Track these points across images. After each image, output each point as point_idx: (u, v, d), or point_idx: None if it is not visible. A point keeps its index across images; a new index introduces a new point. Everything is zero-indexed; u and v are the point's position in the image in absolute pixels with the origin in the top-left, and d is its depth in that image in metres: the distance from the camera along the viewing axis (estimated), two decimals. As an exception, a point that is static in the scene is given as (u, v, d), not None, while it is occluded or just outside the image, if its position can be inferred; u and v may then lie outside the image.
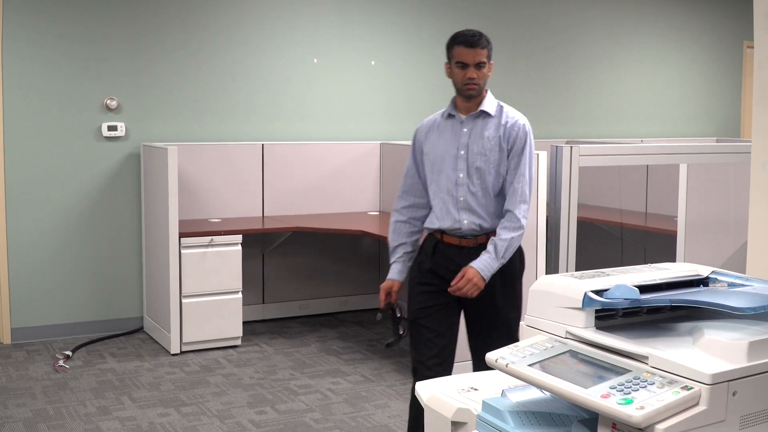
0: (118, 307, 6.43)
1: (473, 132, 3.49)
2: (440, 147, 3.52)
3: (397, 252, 3.63)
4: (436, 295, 3.53)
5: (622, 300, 1.77)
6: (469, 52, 3.42)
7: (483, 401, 1.85)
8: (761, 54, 2.45)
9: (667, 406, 1.51)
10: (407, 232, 3.64)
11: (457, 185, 3.47)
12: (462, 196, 3.47)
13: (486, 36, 3.47)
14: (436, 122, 3.60)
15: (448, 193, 3.49)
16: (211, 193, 6.52)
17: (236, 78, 6.72)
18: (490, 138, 3.46)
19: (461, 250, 3.50)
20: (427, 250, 3.58)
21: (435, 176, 3.53)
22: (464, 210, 3.47)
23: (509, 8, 7.94)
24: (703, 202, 5.13)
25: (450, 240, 3.52)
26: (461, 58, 3.42)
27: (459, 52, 3.43)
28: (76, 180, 6.22)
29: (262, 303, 6.82)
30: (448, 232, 3.51)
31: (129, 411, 4.72)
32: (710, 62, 9.33)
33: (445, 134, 3.53)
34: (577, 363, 1.72)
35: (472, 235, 3.50)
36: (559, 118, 8.29)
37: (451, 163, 3.48)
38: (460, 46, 3.43)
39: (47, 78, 6.09)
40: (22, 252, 6.09)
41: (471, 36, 3.44)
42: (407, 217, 3.64)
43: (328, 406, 4.84)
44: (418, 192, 3.63)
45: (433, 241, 3.57)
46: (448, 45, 3.52)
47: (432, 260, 3.54)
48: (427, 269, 3.55)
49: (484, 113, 3.49)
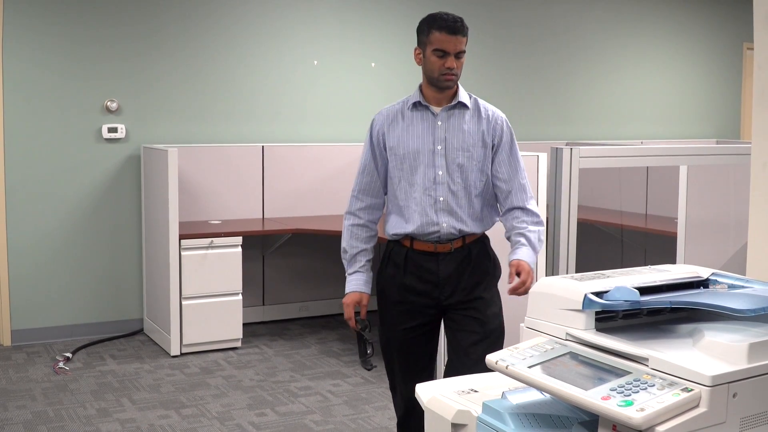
0: (118, 309, 6.43)
1: (450, 125, 3.14)
2: (411, 141, 3.14)
3: (358, 260, 3.24)
4: (414, 314, 3.20)
5: (623, 302, 1.77)
6: (450, 39, 3.06)
7: (483, 403, 1.85)
8: (761, 55, 2.45)
9: (667, 408, 1.51)
10: (365, 237, 3.26)
11: (436, 184, 3.12)
12: (441, 195, 3.12)
13: (464, 21, 3.12)
14: (399, 113, 3.20)
15: (424, 193, 3.12)
16: (211, 194, 6.52)
17: (236, 80, 6.73)
18: (471, 132, 3.15)
19: (437, 257, 3.15)
20: (396, 262, 3.20)
21: (406, 174, 3.15)
22: (443, 211, 3.12)
23: (509, 10, 7.94)
24: (703, 203, 5.14)
25: (423, 247, 3.16)
26: (441, 45, 3.05)
27: (438, 38, 3.06)
28: (77, 182, 6.22)
29: (262, 305, 6.82)
30: (421, 237, 3.14)
31: (129, 413, 4.72)
32: (710, 64, 9.34)
33: (415, 127, 3.15)
34: (578, 365, 1.71)
35: (449, 240, 3.15)
36: (559, 120, 8.29)
37: (427, 159, 3.12)
38: (441, 32, 3.05)
39: (48, 80, 6.09)
40: (23, 254, 6.09)
41: (453, 21, 3.07)
42: (365, 220, 3.26)
43: (328, 408, 4.84)
44: (375, 192, 3.26)
45: (401, 250, 3.19)
46: (423, 29, 3.13)
47: (405, 273, 3.17)
48: (401, 284, 3.18)
49: (461, 105, 3.16)
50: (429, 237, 3.13)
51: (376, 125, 3.23)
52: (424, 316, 3.21)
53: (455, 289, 3.17)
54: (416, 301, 3.18)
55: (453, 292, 3.17)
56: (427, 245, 3.15)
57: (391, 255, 3.23)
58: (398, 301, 3.20)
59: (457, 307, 3.18)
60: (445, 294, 3.17)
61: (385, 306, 3.26)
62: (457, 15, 3.10)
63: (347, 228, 3.27)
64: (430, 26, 3.09)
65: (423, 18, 3.16)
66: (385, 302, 3.26)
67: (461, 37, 3.07)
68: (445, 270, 3.15)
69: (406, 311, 3.20)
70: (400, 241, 3.19)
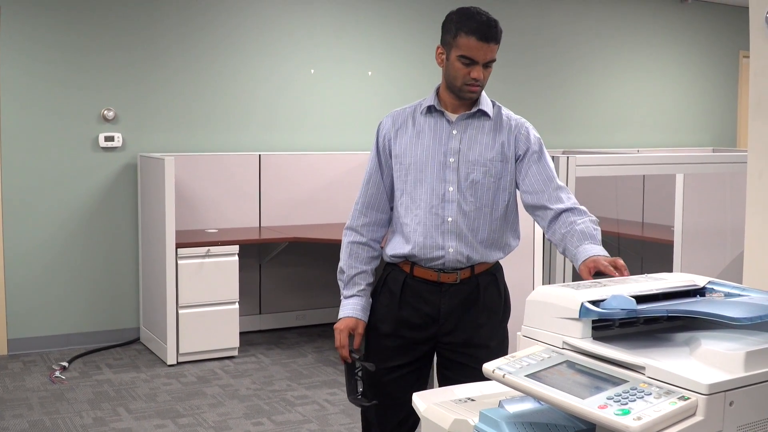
0: (115, 318, 6.42)
1: (466, 135, 2.74)
2: (419, 150, 2.74)
3: (357, 283, 2.83)
4: (405, 350, 2.78)
5: (619, 310, 1.77)
6: (480, 47, 2.63)
7: (480, 412, 1.85)
8: (757, 63, 2.45)
9: (664, 417, 1.51)
10: (366, 258, 2.85)
11: (445, 201, 2.71)
12: (450, 216, 2.70)
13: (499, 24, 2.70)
14: (409, 117, 2.81)
15: (430, 211, 2.71)
16: (208, 203, 6.52)
17: (233, 88, 6.73)
18: (489, 145, 2.73)
19: (439, 288, 2.74)
20: (392, 288, 2.80)
21: (410, 187, 2.75)
22: (451, 234, 2.70)
23: (506, 17, 7.92)
24: (700, 212, 5.14)
25: (424, 274, 2.74)
26: (470, 53, 2.63)
27: (467, 44, 2.62)
28: (73, 190, 6.22)
29: (258, 313, 6.81)
30: (423, 263, 2.74)
31: (125, 422, 4.71)
32: (706, 72, 9.36)
33: (426, 134, 2.75)
34: (574, 373, 1.71)
35: (454, 269, 2.73)
36: (556, 128, 8.31)
37: (436, 173, 2.72)
38: (471, 37, 2.62)
39: (44, 89, 6.09)
40: (19, 262, 6.08)
41: (487, 26, 2.63)
42: (367, 238, 2.85)
43: (325, 417, 4.83)
44: (381, 206, 2.85)
45: (400, 275, 2.79)
46: (449, 27, 2.69)
47: (400, 303, 2.77)
48: (396, 316, 2.78)
49: (480, 113, 2.76)
50: (432, 263, 2.73)
51: (383, 130, 2.83)
52: (417, 352, 2.80)
53: (456, 327, 2.77)
54: (410, 336, 2.78)
55: (453, 329, 2.77)
56: (430, 273, 2.74)
57: (388, 280, 2.83)
58: (390, 334, 2.78)
59: (456, 349, 2.78)
60: (444, 330, 2.78)
61: (374, 339, 2.84)
62: (491, 16, 2.68)
63: (347, 245, 2.87)
64: (459, 27, 2.64)
65: (452, 12, 2.71)
66: (374, 334, 2.83)
67: (494, 45, 2.66)
68: (448, 305, 2.75)
69: (398, 347, 2.78)
70: (398, 265, 2.80)
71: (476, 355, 2.70)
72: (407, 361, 2.78)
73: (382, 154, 2.82)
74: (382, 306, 2.81)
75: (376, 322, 2.81)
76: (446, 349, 2.80)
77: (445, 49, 2.70)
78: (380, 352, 2.79)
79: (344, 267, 2.86)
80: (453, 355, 2.79)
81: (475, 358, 2.68)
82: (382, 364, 2.76)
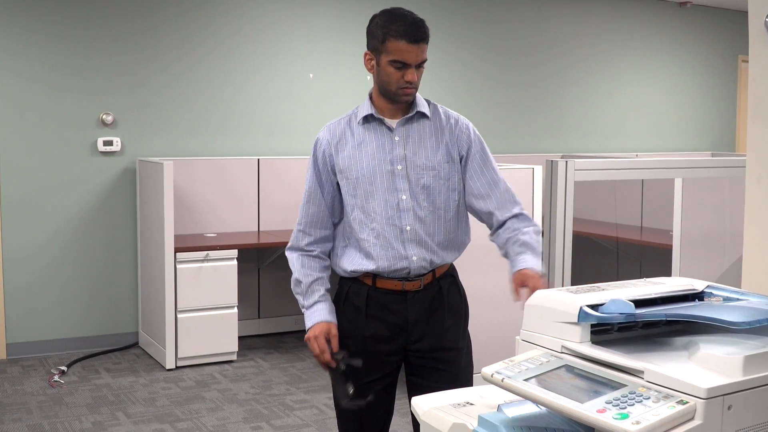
0: (114, 323, 6.42)
1: (410, 140, 2.68)
2: (365, 161, 2.67)
3: (316, 290, 2.74)
4: (376, 365, 2.71)
5: (618, 314, 1.77)
6: (411, 49, 2.56)
7: (479, 416, 1.85)
8: (756, 68, 2.46)
9: (662, 421, 1.51)
10: (320, 267, 2.77)
11: (400, 210, 2.64)
12: (408, 224, 2.64)
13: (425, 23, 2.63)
14: (346, 128, 2.76)
15: (387, 222, 2.64)
16: (206, 207, 6.52)
17: (232, 93, 6.74)
18: (434, 147, 2.69)
19: (404, 296, 2.68)
20: (356, 303, 2.71)
21: (361, 201, 2.67)
22: (411, 242, 2.65)
23: (503, 22, 7.96)
24: (699, 216, 5.14)
25: (388, 285, 2.68)
26: (401, 56, 2.57)
27: (397, 47, 2.56)
28: (72, 195, 6.22)
29: (257, 318, 6.81)
30: (386, 274, 2.66)
31: (124, 426, 4.70)
32: (705, 76, 9.37)
33: (368, 144, 2.69)
34: (573, 377, 1.71)
35: (418, 276, 2.68)
36: (554, 133, 8.31)
37: (386, 183, 2.65)
38: (400, 41, 2.55)
39: (43, 93, 6.10)
40: (18, 267, 6.08)
41: (414, 27, 2.56)
42: (317, 252, 2.77)
43: (323, 421, 4.83)
44: (324, 223, 2.77)
45: (361, 289, 2.70)
46: (375, 33, 2.63)
47: (367, 317, 2.69)
48: (362, 331, 2.70)
49: (419, 115, 2.71)
50: (396, 274, 2.67)
51: (321, 146, 2.75)
52: (387, 365, 2.74)
53: (424, 334, 2.72)
54: (380, 349, 2.70)
55: (421, 336, 2.72)
56: (394, 283, 2.67)
57: (349, 295, 2.73)
58: (359, 351, 2.68)
59: (425, 355, 2.73)
60: (412, 339, 2.72)
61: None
62: (416, 15, 2.60)
63: (297, 259, 2.78)
64: (387, 31, 2.58)
65: (375, 15, 2.65)
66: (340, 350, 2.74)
67: (424, 45, 2.59)
68: (415, 312, 2.69)
69: (369, 363, 2.67)
70: (358, 278, 2.72)
71: (447, 358, 2.72)
72: (379, 375, 2.72)
73: (323, 170, 2.74)
74: (347, 322, 2.72)
75: (343, 339, 2.71)
76: (415, 357, 2.74)
77: (374, 55, 2.65)
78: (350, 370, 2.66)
79: (299, 277, 2.76)
80: (423, 361, 2.74)
81: (447, 361, 2.72)
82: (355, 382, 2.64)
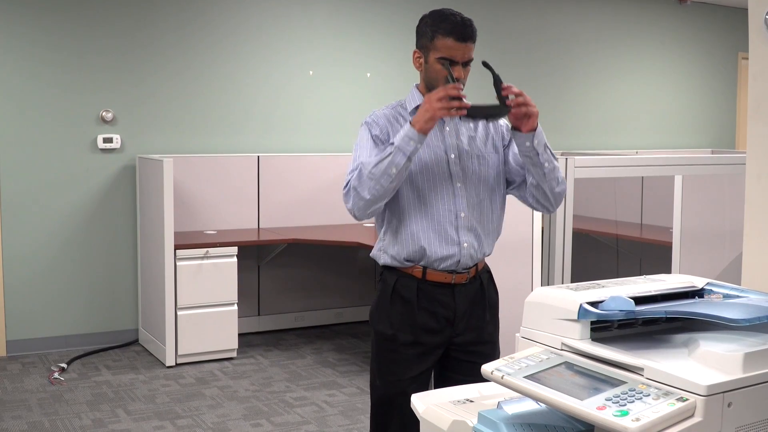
0: (114, 320, 6.42)
1: (459, 130, 2.78)
2: (423, 151, 2.72)
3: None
4: (425, 357, 2.78)
5: (618, 312, 1.77)
6: (458, 47, 2.64)
7: (479, 413, 1.85)
8: (756, 66, 2.46)
9: (662, 418, 1.51)
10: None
11: (455, 197, 2.72)
12: (462, 211, 2.71)
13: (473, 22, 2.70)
14: (399, 117, 2.77)
15: (444, 208, 2.71)
16: (206, 205, 6.52)
17: (232, 90, 6.73)
18: (482, 138, 2.81)
19: (452, 289, 2.76)
20: (406, 296, 2.76)
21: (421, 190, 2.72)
22: (464, 229, 2.72)
23: (504, 19, 7.96)
24: (699, 213, 5.14)
25: (437, 277, 2.74)
26: (449, 53, 2.64)
27: (445, 45, 2.63)
28: (72, 192, 6.22)
29: (257, 315, 6.81)
30: (436, 265, 2.72)
31: (124, 424, 4.71)
32: (705, 73, 9.37)
33: None
34: (573, 375, 1.71)
35: (466, 268, 2.76)
36: (555, 130, 8.30)
37: (443, 171, 2.73)
38: (448, 38, 2.62)
39: (42, 90, 6.09)
40: (18, 264, 6.07)
41: (462, 26, 2.64)
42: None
43: (323, 419, 4.83)
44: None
45: (411, 282, 2.75)
46: (425, 31, 2.69)
47: (418, 309, 2.75)
48: (414, 323, 2.75)
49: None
50: (446, 262, 2.72)
51: (380, 126, 2.73)
52: (434, 357, 2.80)
53: (467, 327, 2.81)
54: (429, 341, 2.77)
55: (464, 330, 2.80)
56: (444, 275, 2.74)
57: (397, 288, 2.77)
58: (411, 342, 2.75)
59: (465, 348, 2.81)
60: (457, 332, 2.80)
61: (393, 350, 2.78)
62: (465, 16, 2.67)
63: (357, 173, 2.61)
64: (435, 30, 2.64)
65: (425, 15, 2.73)
66: (393, 345, 2.78)
67: (471, 44, 2.66)
68: (462, 304, 2.77)
69: (418, 354, 2.76)
70: (408, 271, 2.76)
71: (484, 351, 2.79)
72: (427, 367, 2.80)
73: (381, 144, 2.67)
74: (397, 314, 2.77)
75: (395, 332, 2.77)
76: (455, 351, 2.82)
77: (423, 53, 2.71)
78: (401, 362, 2.76)
79: (374, 161, 2.58)
80: (462, 355, 2.81)
81: (483, 355, 2.75)
82: (405, 374, 2.74)
